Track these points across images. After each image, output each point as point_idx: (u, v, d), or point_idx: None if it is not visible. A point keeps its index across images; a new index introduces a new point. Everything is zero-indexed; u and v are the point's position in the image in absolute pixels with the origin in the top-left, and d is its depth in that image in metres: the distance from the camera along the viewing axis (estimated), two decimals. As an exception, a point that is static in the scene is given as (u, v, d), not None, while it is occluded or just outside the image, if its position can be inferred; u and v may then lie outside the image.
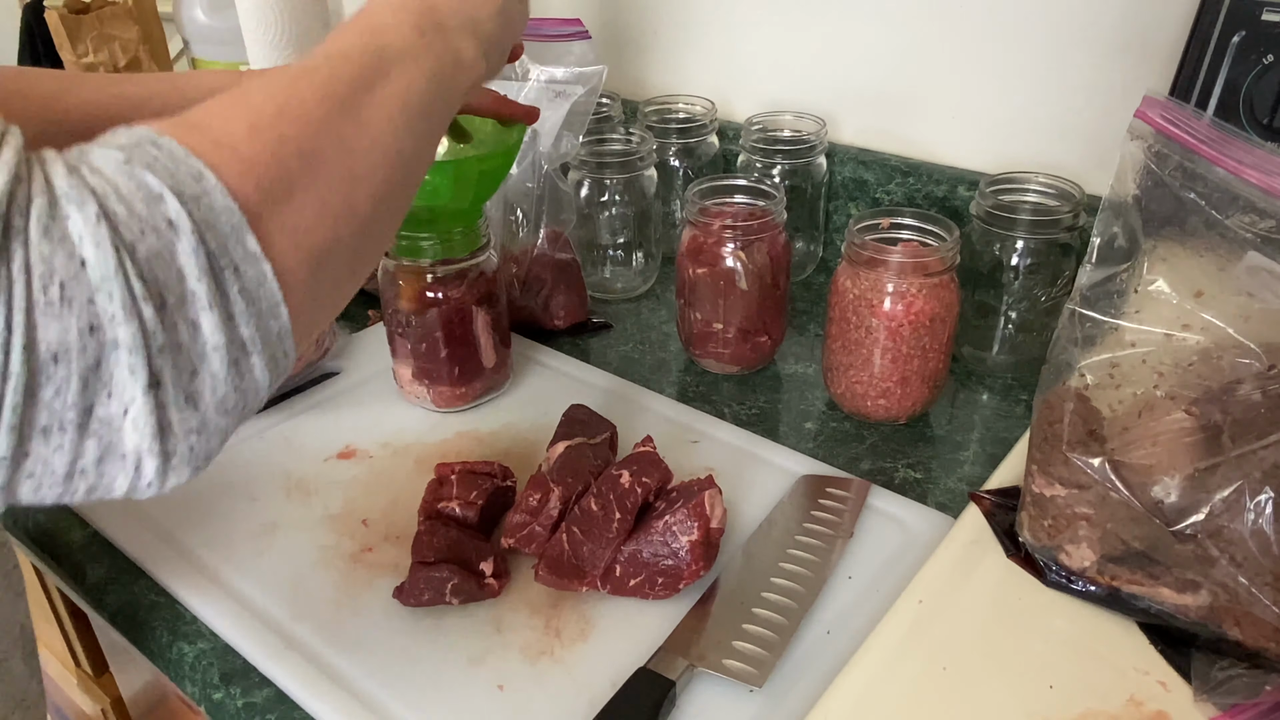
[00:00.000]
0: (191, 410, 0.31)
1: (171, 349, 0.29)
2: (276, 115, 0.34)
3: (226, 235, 0.31)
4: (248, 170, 0.32)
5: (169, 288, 0.29)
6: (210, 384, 0.31)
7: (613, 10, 1.05)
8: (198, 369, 0.31)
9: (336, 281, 0.37)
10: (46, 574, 0.73)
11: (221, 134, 0.33)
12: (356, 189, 0.36)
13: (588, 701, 0.50)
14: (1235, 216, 0.47)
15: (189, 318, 0.30)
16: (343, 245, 0.36)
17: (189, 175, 0.30)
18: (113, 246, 0.28)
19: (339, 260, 0.36)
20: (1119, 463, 0.49)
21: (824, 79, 0.93)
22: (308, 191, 0.34)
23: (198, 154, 0.31)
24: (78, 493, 0.30)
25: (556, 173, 0.85)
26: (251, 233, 0.31)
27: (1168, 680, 0.48)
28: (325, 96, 0.36)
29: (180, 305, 0.30)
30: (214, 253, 0.30)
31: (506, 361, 0.76)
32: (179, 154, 0.31)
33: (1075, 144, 0.81)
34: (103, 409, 0.29)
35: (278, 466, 0.68)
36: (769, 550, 0.58)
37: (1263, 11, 0.60)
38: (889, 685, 0.48)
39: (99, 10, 1.04)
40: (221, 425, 0.32)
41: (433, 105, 0.42)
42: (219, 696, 0.53)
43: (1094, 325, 0.50)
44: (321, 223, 0.35)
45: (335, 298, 0.38)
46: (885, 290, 0.66)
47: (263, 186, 0.32)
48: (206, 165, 0.31)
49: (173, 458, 0.31)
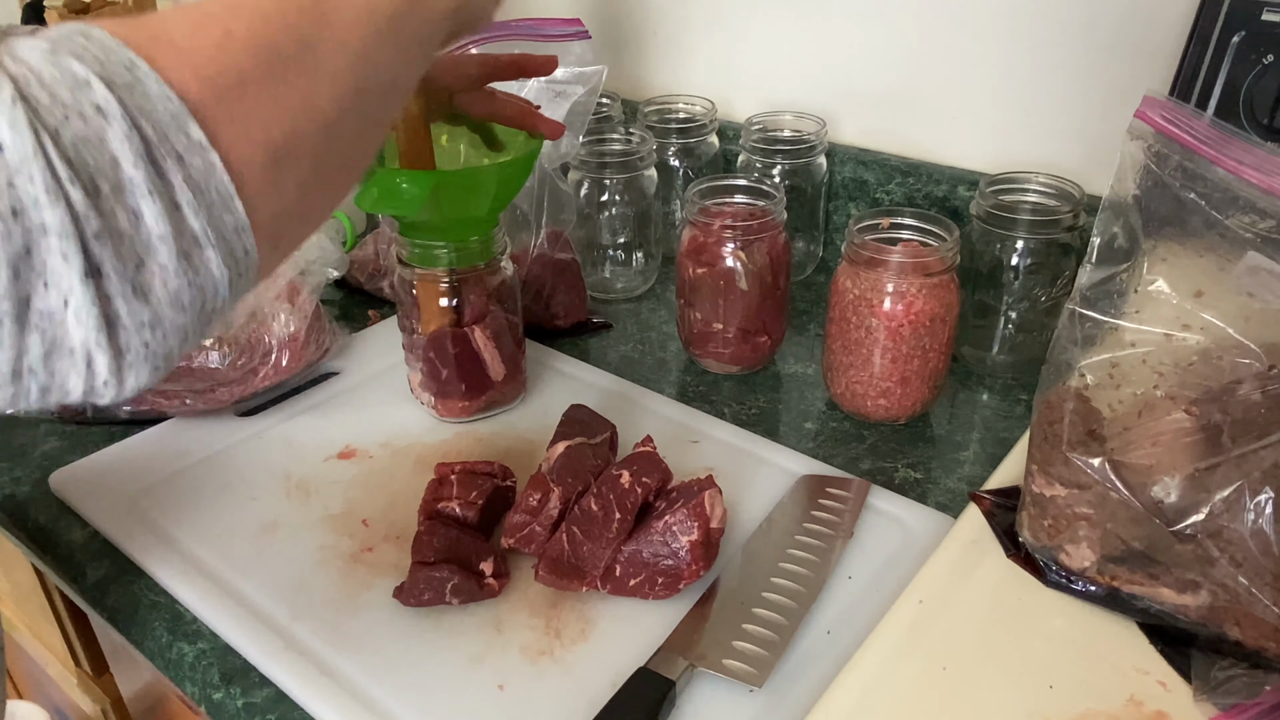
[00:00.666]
0: (141, 303, 0.30)
1: (111, 235, 0.28)
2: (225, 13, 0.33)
3: (165, 123, 0.30)
4: (185, 61, 0.31)
5: (102, 173, 0.28)
6: (160, 276, 0.30)
7: (613, 10, 1.05)
8: (144, 260, 0.29)
9: (302, 185, 0.35)
10: (46, 574, 0.73)
11: (159, 30, 0.32)
12: (317, 87, 0.35)
13: (588, 701, 0.50)
14: (1235, 216, 0.47)
15: (128, 205, 0.29)
16: (305, 144, 0.35)
17: (119, 64, 0.30)
18: (30, 128, 0.27)
19: (301, 160, 0.35)
20: (1119, 463, 0.49)
21: (824, 79, 0.93)
22: (261, 85, 0.33)
23: (131, 45, 0.30)
24: (31, 394, 0.29)
25: (556, 173, 0.85)
26: (194, 120, 0.30)
27: (1168, 680, 0.48)
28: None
29: (117, 192, 0.29)
30: (151, 140, 0.29)
31: (518, 375, 0.74)
32: (110, 44, 0.30)
33: (1075, 144, 0.81)
34: (41, 301, 0.28)
35: (278, 466, 0.68)
36: (769, 550, 0.58)
37: (1263, 11, 0.60)
38: (889, 685, 0.48)
39: (99, 10, 1.04)
40: (179, 322, 0.31)
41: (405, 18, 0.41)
42: (219, 696, 0.53)
43: (1094, 325, 0.50)
44: (278, 117, 0.33)
45: (303, 204, 0.36)
46: (885, 290, 0.66)
47: (204, 77, 0.31)
48: (140, 55, 0.30)
49: (126, 354, 0.30)
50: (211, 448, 0.70)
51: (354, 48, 0.37)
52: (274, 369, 0.75)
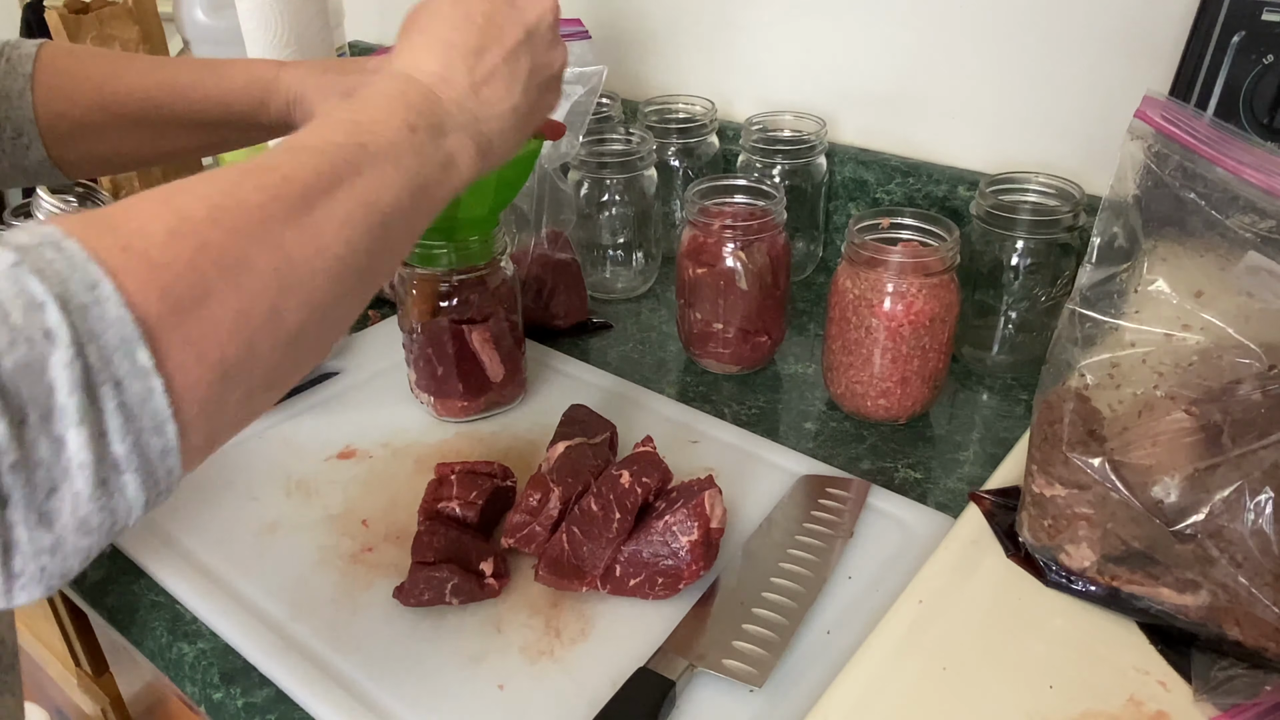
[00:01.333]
0: (45, 530, 0.28)
1: (25, 466, 0.27)
2: (205, 219, 0.32)
3: (113, 349, 0.28)
4: (153, 279, 0.30)
5: (34, 402, 0.27)
6: (71, 502, 0.29)
7: (613, 10, 1.05)
8: (57, 486, 0.28)
9: (248, 395, 0.34)
10: (46, 574, 0.73)
11: (135, 237, 0.30)
12: (286, 298, 0.33)
13: (588, 701, 0.50)
14: (1235, 216, 0.47)
15: (53, 433, 0.28)
16: (260, 358, 0.33)
17: (83, 283, 0.28)
18: None
19: (253, 374, 0.33)
20: (1119, 463, 0.49)
21: (824, 79, 0.93)
22: (224, 302, 0.31)
23: (100, 259, 0.29)
24: None
25: (556, 173, 0.85)
26: (145, 346, 0.29)
27: (1168, 680, 0.48)
28: (272, 199, 0.34)
29: (44, 420, 0.27)
30: (93, 366, 0.28)
31: (518, 375, 0.74)
32: (78, 259, 0.29)
33: (1075, 144, 0.81)
34: None
35: (278, 466, 0.68)
36: (769, 550, 0.58)
37: (1263, 11, 0.60)
38: (889, 685, 0.48)
39: (99, 10, 1.04)
40: (82, 545, 0.30)
41: (406, 211, 0.39)
42: (219, 696, 0.53)
43: (1094, 325, 0.50)
44: (236, 335, 0.32)
45: (245, 412, 0.35)
46: (885, 290, 0.66)
47: (169, 296, 0.30)
48: (106, 272, 0.29)
49: (19, 577, 0.28)
50: (211, 448, 0.70)
51: (336, 251, 0.35)
52: (274, 369, 0.75)
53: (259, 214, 0.33)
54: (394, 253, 0.40)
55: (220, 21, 1.05)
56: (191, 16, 1.07)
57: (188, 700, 0.57)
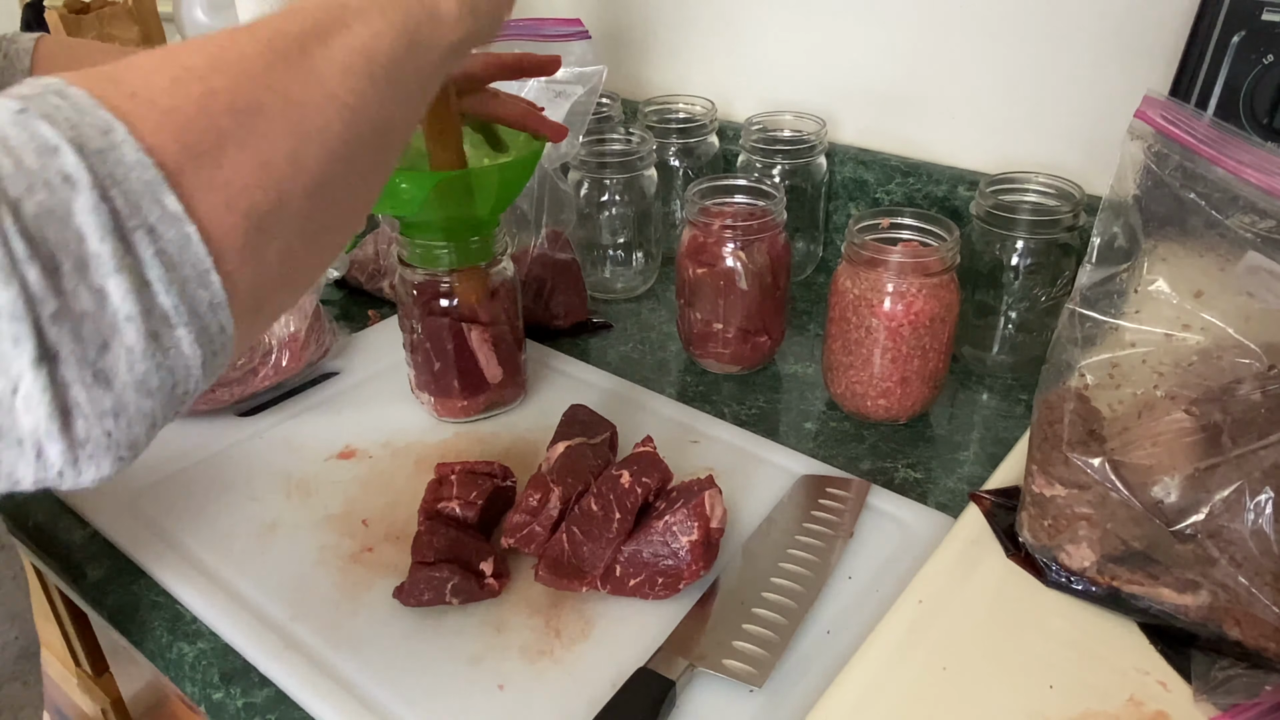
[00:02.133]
0: (103, 389, 0.27)
1: (70, 317, 0.26)
2: (207, 68, 0.31)
3: (139, 193, 0.28)
4: (166, 123, 0.29)
5: (64, 249, 0.26)
6: (125, 359, 0.28)
7: (613, 10, 1.05)
8: (108, 342, 0.27)
9: (288, 251, 0.33)
10: (46, 574, 0.73)
11: (140, 86, 0.29)
12: (305, 146, 0.33)
13: (588, 701, 0.50)
14: (1235, 216, 0.47)
15: (92, 284, 0.27)
16: (291, 208, 0.32)
17: (95, 128, 0.27)
18: None
19: (288, 225, 0.33)
20: (1119, 463, 0.49)
21: (824, 79, 0.93)
22: (243, 147, 0.31)
23: (109, 105, 0.28)
24: None
25: (556, 173, 0.85)
26: (171, 190, 0.28)
27: (1168, 680, 0.48)
28: (268, 49, 0.33)
29: (80, 269, 0.26)
30: (121, 211, 0.27)
31: (518, 375, 0.74)
32: (86, 104, 0.28)
33: (1075, 144, 0.81)
34: None
35: (278, 466, 0.68)
36: (769, 550, 0.58)
37: (1263, 11, 0.60)
38: (889, 685, 0.48)
39: (99, 10, 1.04)
40: (145, 408, 0.29)
41: (403, 61, 0.39)
42: (219, 696, 0.53)
43: (1094, 325, 0.50)
44: (262, 181, 0.31)
45: (290, 270, 0.34)
46: (885, 290, 0.66)
47: (185, 141, 0.29)
48: (117, 117, 0.28)
49: (86, 444, 0.28)
50: (211, 448, 0.70)
51: (345, 100, 0.35)
52: (274, 369, 0.75)
53: (259, 61, 0.33)
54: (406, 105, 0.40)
55: (220, 21, 1.05)
56: (191, 16, 1.07)
57: (188, 700, 0.57)
